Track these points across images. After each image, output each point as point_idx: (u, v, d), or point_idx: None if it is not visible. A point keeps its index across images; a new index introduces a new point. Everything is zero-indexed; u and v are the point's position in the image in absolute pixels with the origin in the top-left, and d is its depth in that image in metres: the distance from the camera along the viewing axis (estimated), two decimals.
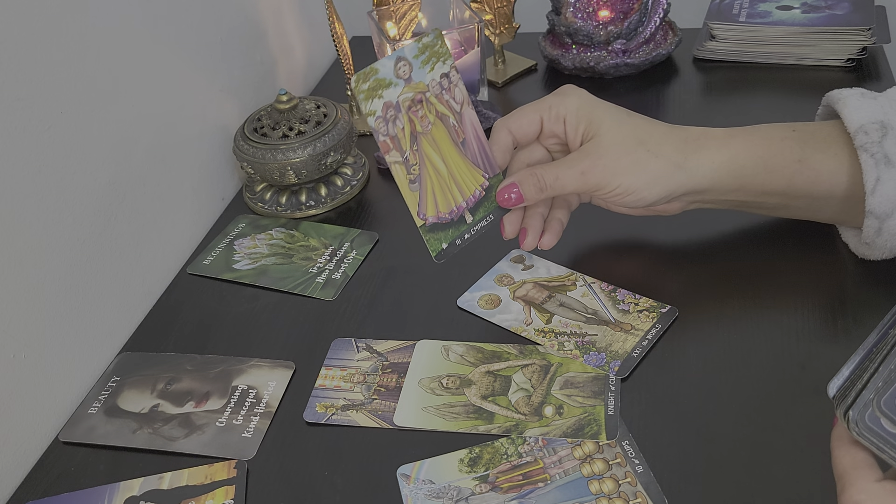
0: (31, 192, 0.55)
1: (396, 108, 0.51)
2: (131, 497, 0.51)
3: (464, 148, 0.55)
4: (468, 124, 0.55)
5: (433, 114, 0.53)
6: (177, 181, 0.71)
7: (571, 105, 0.57)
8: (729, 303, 0.58)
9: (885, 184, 0.53)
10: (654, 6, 0.87)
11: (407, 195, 0.53)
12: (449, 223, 0.55)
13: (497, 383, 0.55)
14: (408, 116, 0.52)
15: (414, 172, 0.53)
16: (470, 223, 0.56)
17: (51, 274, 0.57)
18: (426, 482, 0.49)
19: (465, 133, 0.55)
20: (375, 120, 0.51)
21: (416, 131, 0.53)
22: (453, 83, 0.54)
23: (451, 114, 0.54)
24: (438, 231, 0.55)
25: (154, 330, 0.65)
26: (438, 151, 0.54)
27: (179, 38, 0.71)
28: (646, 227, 0.66)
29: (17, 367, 0.54)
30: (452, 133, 0.54)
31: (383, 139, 0.51)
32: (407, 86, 0.52)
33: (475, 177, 0.56)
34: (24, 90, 0.53)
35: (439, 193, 0.54)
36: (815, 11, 0.87)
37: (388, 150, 0.52)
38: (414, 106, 0.52)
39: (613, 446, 0.50)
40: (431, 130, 0.53)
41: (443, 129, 0.54)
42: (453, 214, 0.55)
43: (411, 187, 0.53)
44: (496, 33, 0.92)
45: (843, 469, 0.36)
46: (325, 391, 0.56)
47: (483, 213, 0.56)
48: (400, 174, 0.53)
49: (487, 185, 0.56)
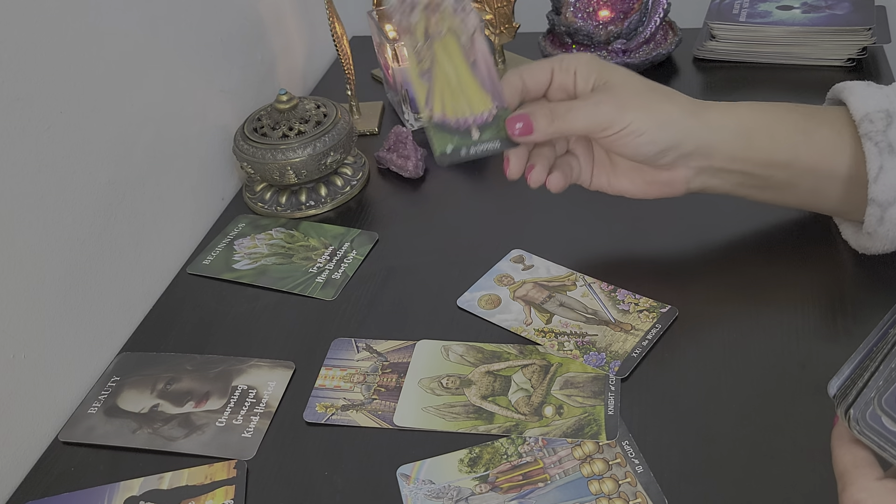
0: (31, 192, 0.55)
1: (413, 1, 0.53)
2: (131, 497, 0.51)
3: (474, 69, 0.54)
4: (479, 51, 0.54)
5: (446, 26, 0.53)
6: (177, 181, 0.71)
7: (583, 58, 0.56)
8: (729, 303, 0.58)
9: (888, 172, 0.53)
10: (655, 6, 0.87)
11: (416, 84, 0.53)
12: (455, 129, 0.54)
13: (497, 383, 0.55)
14: (424, 14, 0.53)
15: (425, 65, 0.53)
16: (476, 140, 0.54)
17: (51, 274, 0.57)
18: (426, 482, 0.49)
19: (476, 56, 0.54)
20: (392, 4, 0.52)
21: (430, 32, 0.53)
22: (467, 10, 0.54)
23: (463, 34, 0.54)
24: (445, 132, 0.54)
25: (154, 330, 0.65)
26: (451, 60, 0.54)
27: (179, 38, 0.71)
28: (645, 227, 0.66)
29: (17, 367, 0.54)
30: (464, 50, 0.54)
31: (399, 22, 0.52)
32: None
33: (484, 98, 0.54)
34: (23, 90, 0.53)
35: (448, 97, 0.54)
36: (815, 11, 0.87)
37: (403, 34, 0.53)
38: (430, 7, 0.53)
39: (613, 446, 0.50)
40: (445, 38, 0.53)
41: (455, 43, 0.54)
42: (460, 124, 0.54)
43: (422, 78, 0.53)
44: (496, 33, 0.91)
45: (844, 468, 0.36)
46: (324, 391, 0.56)
47: (490, 135, 0.55)
48: (412, 60, 0.53)
49: (496, 112, 0.54)
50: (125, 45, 0.64)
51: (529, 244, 0.66)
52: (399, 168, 0.77)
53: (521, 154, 0.56)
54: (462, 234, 0.70)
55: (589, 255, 0.65)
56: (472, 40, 0.54)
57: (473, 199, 0.74)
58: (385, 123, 0.88)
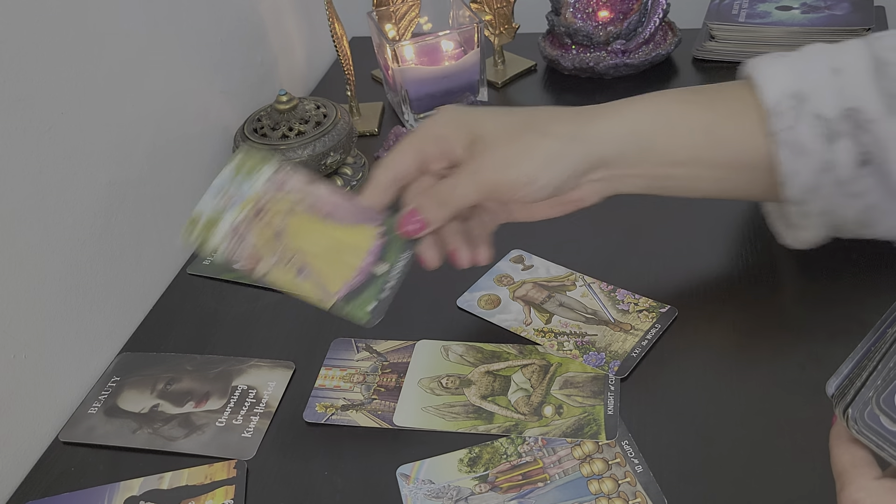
0: (32, 193, 0.55)
1: (238, 228, 0.51)
2: (131, 497, 0.51)
3: (335, 218, 0.52)
4: (325, 197, 0.52)
5: (281, 211, 0.51)
6: (177, 181, 0.71)
7: (446, 118, 0.53)
8: (728, 302, 0.58)
9: (800, 175, 0.51)
10: (654, 6, 0.87)
11: (301, 288, 0.50)
12: (363, 284, 0.51)
13: (497, 383, 0.55)
14: (257, 227, 0.51)
15: (294, 265, 0.50)
16: (385, 272, 0.52)
17: (51, 274, 0.57)
18: (426, 482, 0.49)
19: (327, 205, 0.52)
20: (225, 251, 0.50)
21: (273, 233, 0.51)
22: (286, 177, 0.52)
23: (300, 200, 0.52)
24: (356, 296, 0.51)
25: (154, 330, 0.65)
26: (308, 235, 0.51)
27: (180, 38, 0.71)
28: (645, 227, 0.66)
29: (17, 367, 0.54)
30: (314, 212, 0.52)
31: (243, 261, 0.50)
32: (238, 206, 0.51)
33: (364, 232, 0.52)
34: (24, 91, 0.53)
35: (333, 267, 0.51)
36: (814, 12, 0.87)
37: (255, 265, 0.50)
38: (257, 215, 0.51)
39: (613, 446, 0.50)
40: (289, 223, 0.51)
41: (301, 216, 0.51)
42: (362, 276, 0.51)
43: (300, 279, 0.50)
44: (496, 34, 0.92)
45: (843, 467, 0.36)
46: (324, 391, 0.56)
47: (394, 255, 0.52)
48: (281, 276, 0.50)
49: (384, 229, 0.52)
50: (126, 47, 0.64)
51: (529, 244, 0.66)
52: None
53: (431, 243, 0.53)
54: None
55: (588, 254, 0.65)
56: (309, 196, 0.51)
57: None
58: (385, 124, 0.88)
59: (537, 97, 0.89)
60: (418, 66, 0.83)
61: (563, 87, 0.89)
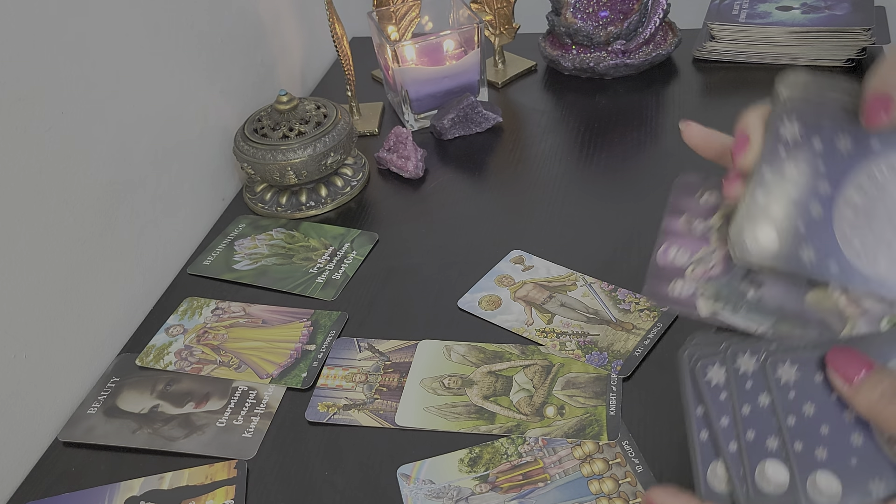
0: (32, 193, 0.55)
1: (185, 350, 0.60)
2: (132, 497, 0.51)
3: (267, 323, 0.62)
4: (256, 313, 0.63)
5: (223, 330, 0.61)
6: (177, 181, 0.71)
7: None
8: None
9: None
10: (654, 7, 0.87)
11: (242, 378, 0.58)
12: (294, 363, 0.58)
13: (499, 383, 0.55)
14: (201, 346, 0.60)
15: (234, 363, 0.59)
16: (315, 350, 0.59)
17: (51, 274, 0.57)
18: (426, 482, 0.49)
19: (260, 315, 0.63)
20: (175, 365, 0.59)
21: (216, 347, 0.60)
22: (226, 308, 0.63)
23: (239, 317, 0.63)
24: (289, 374, 0.58)
25: (154, 330, 0.64)
26: (246, 339, 0.61)
27: (180, 39, 0.71)
28: (645, 226, 0.66)
29: (17, 367, 0.54)
30: (253, 323, 0.62)
31: (189, 373, 0.59)
32: (185, 334, 0.62)
33: (292, 330, 0.61)
34: (25, 91, 0.53)
35: (268, 355, 0.59)
36: (814, 12, 0.87)
37: (199, 371, 0.59)
38: (202, 338, 0.61)
39: (613, 446, 0.50)
40: (228, 335, 0.61)
41: (241, 329, 0.62)
42: (294, 355, 0.59)
43: (240, 372, 0.58)
44: (496, 34, 0.92)
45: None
46: (326, 391, 0.56)
47: (321, 337, 0.60)
48: (223, 373, 0.58)
49: (308, 335, 0.61)
50: (126, 47, 0.64)
51: (529, 244, 0.66)
52: (399, 168, 0.77)
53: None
54: (462, 234, 0.70)
55: (589, 254, 0.65)
56: (247, 314, 0.64)
57: (473, 200, 0.74)
58: (385, 124, 0.88)
59: (537, 98, 0.89)
60: (418, 66, 0.83)
61: (564, 87, 0.89)
